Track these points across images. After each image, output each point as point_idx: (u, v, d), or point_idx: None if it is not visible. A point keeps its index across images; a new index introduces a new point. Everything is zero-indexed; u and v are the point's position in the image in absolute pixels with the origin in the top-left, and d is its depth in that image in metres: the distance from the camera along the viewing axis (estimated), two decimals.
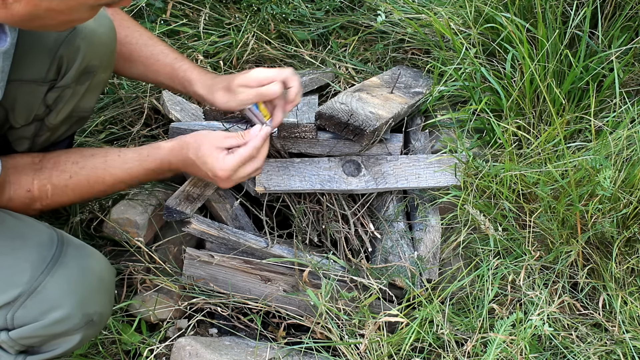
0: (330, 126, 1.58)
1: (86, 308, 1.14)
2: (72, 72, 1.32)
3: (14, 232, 1.16)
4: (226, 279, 1.52)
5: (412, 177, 1.64)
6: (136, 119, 1.95)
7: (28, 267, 1.11)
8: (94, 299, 1.16)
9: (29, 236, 1.16)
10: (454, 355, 1.35)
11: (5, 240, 1.14)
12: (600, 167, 1.40)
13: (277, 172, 1.61)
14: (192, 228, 1.47)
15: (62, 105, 1.36)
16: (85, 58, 1.32)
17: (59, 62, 1.30)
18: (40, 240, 1.15)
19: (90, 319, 1.15)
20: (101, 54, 1.36)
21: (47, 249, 1.14)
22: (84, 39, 1.31)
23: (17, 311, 1.10)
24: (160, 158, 1.37)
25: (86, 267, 1.16)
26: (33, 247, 1.14)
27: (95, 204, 1.65)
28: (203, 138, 1.37)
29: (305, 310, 1.52)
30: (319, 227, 1.61)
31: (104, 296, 1.20)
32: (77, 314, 1.13)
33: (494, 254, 1.50)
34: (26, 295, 1.10)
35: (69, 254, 1.15)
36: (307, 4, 2.28)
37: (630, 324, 1.40)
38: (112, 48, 1.39)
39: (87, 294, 1.15)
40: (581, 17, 1.74)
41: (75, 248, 1.18)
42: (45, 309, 1.11)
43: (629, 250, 1.48)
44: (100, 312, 1.18)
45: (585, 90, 1.74)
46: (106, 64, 1.39)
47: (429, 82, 1.92)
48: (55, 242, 1.15)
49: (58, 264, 1.12)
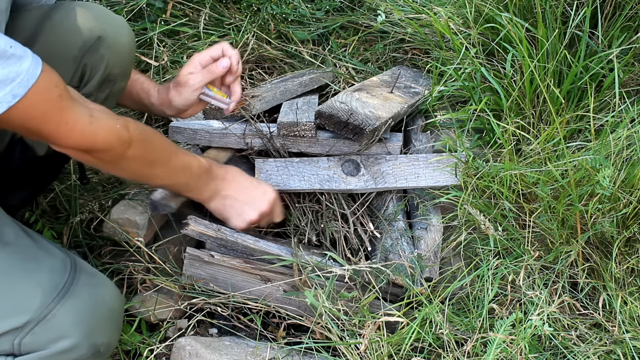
0: (330, 125, 1.58)
1: (94, 338, 1.12)
2: (95, 80, 1.34)
3: (27, 254, 1.14)
4: (226, 279, 1.52)
5: (412, 177, 1.64)
6: (136, 119, 1.95)
7: (39, 293, 1.08)
8: (103, 330, 1.14)
9: (42, 259, 1.13)
10: (454, 355, 1.35)
11: (17, 262, 1.12)
12: (600, 167, 1.40)
13: (276, 171, 1.61)
14: (189, 229, 1.47)
15: None
16: (108, 66, 1.34)
17: (82, 69, 1.32)
18: (54, 265, 1.13)
19: (98, 350, 1.13)
20: (122, 63, 1.38)
21: (60, 274, 1.11)
22: (108, 48, 1.33)
23: (24, 337, 1.08)
24: (218, 165, 1.47)
25: (97, 297, 1.14)
26: (46, 271, 1.11)
27: (95, 204, 1.65)
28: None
29: (305, 311, 1.52)
30: (318, 226, 1.61)
31: (112, 326, 1.18)
32: (85, 344, 1.11)
33: (494, 253, 1.50)
34: (35, 322, 1.07)
35: (81, 281, 1.13)
36: (307, 4, 2.28)
37: (630, 324, 1.40)
38: (132, 57, 1.41)
39: (96, 325, 1.12)
40: (581, 17, 1.74)
41: (87, 276, 1.16)
42: (53, 338, 1.08)
43: (629, 250, 1.48)
44: (108, 343, 1.16)
45: (585, 90, 1.74)
46: (125, 73, 1.42)
47: (428, 82, 1.92)
48: (68, 268, 1.13)
49: (70, 293, 1.10)
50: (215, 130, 1.66)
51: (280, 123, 1.63)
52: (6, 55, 0.96)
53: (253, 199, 1.48)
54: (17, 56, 0.97)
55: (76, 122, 1.09)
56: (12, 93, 0.97)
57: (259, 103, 1.73)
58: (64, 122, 1.07)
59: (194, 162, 1.39)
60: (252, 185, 1.49)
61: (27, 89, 0.98)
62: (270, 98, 1.77)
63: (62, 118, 1.07)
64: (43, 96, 1.02)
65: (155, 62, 2.02)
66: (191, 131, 1.67)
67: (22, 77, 0.98)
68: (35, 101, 1.01)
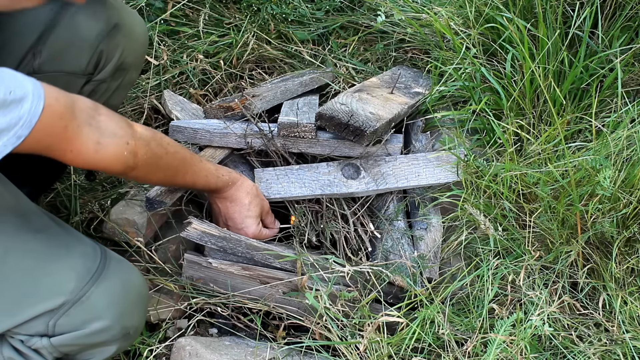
0: (331, 127, 1.58)
1: (125, 321, 1.15)
2: (110, 67, 1.35)
3: (60, 241, 1.16)
4: (225, 280, 1.52)
5: (412, 176, 1.64)
6: (136, 118, 1.95)
7: (74, 277, 1.11)
8: (133, 313, 1.18)
9: (74, 246, 1.16)
10: (454, 356, 1.35)
11: (50, 248, 1.14)
12: (600, 167, 1.40)
13: (276, 180, 1.61)
14: (192, 228, 1.46)
15: (95, 100, 1.38)
16: (122, 54, 1.36)
17: (98, 56, 1.33)
18: (85, 250, 1.16)
19: (127, 332, 1.17)
20: (136, 52, 1.39)
21: (92, 260, 1.14)
22: (124, 36, 1.35)
23: (59, 319, 1.10)
24: (229, 171, 1.48)
25: (128, 282, 1.17)
26: (78, 257, 1.14)
27: (94, 204, 1.65)
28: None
29: (305, 311, 1.52)
30: (318, 227, 1.61)
31: (141, 310, 1.21)
32: (117, 326, 1.14)
33: (494, 254, 1.50)
34: (70, 303, 1.10)
35: (111, 267, 1.16)
36: (307, 4, 2.28)
37: (630, 324, 1.40)
38: (145, 47, 1.43)
39: (127, 308, 1.16)
40: (582, 18, 1.74)
41: (117, 262, 1.19)
42: (87, 319, 1.11)
43: (629, 250, 1.48)
44: (137, 326, 1.20)
45: (585, 90, 1.74)
46: (138, 63, 1.43)
47: (429, 82, 1.92)
48: (99, 254, 1.16)
49: (102, 276, 1.13)
50: (215, 129, 1.66)
51: (280, 123, 1.63)
52: (6, 104, 0.94)
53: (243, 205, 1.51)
54: (18, 100, 0.96)
55: (81, 150, 1.09)
56: (15, 135, 0.97)
57: (259, 102, 1.73)
58: (69, 151, 1.08)
59: (199, 181, 1.40)
60: (249, 197, 1.51)
61: (30, 129, 0.98)
62: (270, 97, 1.77)
63: (68, 147, 1.07)
64: (47, 131, 1.02)
65: (155, 62, 2.02)
66: (191, 130, 1.67)
67: (25, 119, 0.97)
68: (40, 137, 1.01)
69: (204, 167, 1.40)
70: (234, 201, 1.49)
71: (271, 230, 1.58)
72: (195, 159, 1.38)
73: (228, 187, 1.47)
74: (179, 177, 1.34)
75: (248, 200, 1.49)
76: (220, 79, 2.07)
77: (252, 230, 1.51)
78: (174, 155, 1.29)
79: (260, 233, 1.53)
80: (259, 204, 1.52)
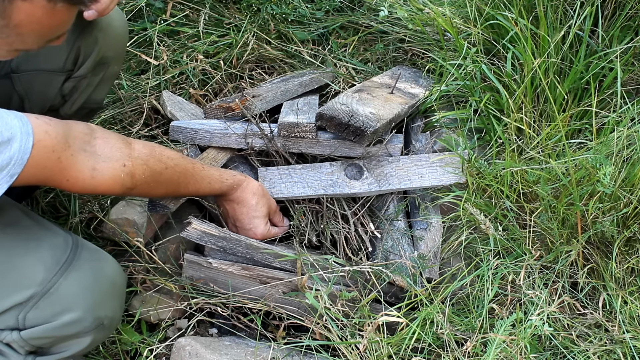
0: (331, 127, 1.58)
1: (97, 312, 1.14)
2: (89, 62, 1.35)
3: (29, 234, 1.16)
4: (225, 280, 1.52)
5: (415, 177, 1.63)
6: (136, 119, 1.95)
7: (41, 269, 1.10)
8: (106, 303, 1.16)
9: (44, 238, 1.15)
10: (454, 355, 1.35)
11: (20, 242, 1.14)
12: (601, 166, 1.40)
13: (280, 179, 1.61)
14: (192, 228, 1.46)
15: (77, 96, 1.38)
16: (101, 49, 1.35)
17: (76, 52, 1.33)
18: (55, 242, 1.15)
19: (101, 323, 1.15)
20: (115, 46, 1.39)
21: (62, 251, 1.13)
22: (101, 31, 1.34)
23: (29, 312, 1.10)
24: (234, 173, 1.48)
25: (99, 271, 1.16)
26: (47, 249, 1.13)
27: (94, 204, 1.65)
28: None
29: (305, 311, 1.52)
30: (318, 227, 1.61)
31: (115, 301, 1.20)
32: (89, 317, 1.12)
33: (494, 253, 1.50)
34: (39, 296, 1.09)
35: (82, 257, 1.15)
36: (307, 4, 2.28)
37: (630, 324, 1.40)
38: (125, 41, 1.43)
39: (99, 298, 1.14)
40: (582, 17, 1.74)
41: (89, 252, 1.18)
42: (57, 311, 1.10)
43: (629, 250, 1.48)
44: (111, 317, 1.18)
45: (585, 90, 1.74)
46: (119, 56, 1.43)
47: (429, 82, 1.92)
48: (70, 245, 1.15)
49: (72, 267, 1.12)
50: (216, 130, 1.66)
51: (281, 124, 1.63)
52: None
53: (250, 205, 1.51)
54: (6, 141, 0.96)
55: (77, 178, 1.11)
56: (9, 174, 0.98)
57: (259, 103, 1.73)
58: (65, 180, 1.09)
59: (202, 189, 1.41)
60: (256, 198, 1.51)
61: (22, 166, 0.99)
62: (271, 98, 1.77)
63: (64, 177, 1.09)
64: (41, 165, 1.03)
65: (155, 62, 2.02)
66: (192, 131, 1.67)
67: (15, 157, 0.98)
68: (34, 172, 1.02)
69: (206, 174, 1.40)
70: (241, 203, 1.49)
71: (280, 228, 1.58)
72: (197, 168, 1.38)
73: (233, 190, 1.47)
74: (181, 188, 1.35)
75: (255, 201, 1.49)
76: (220, 79, 2.07)
77: (260, 230, 1.51)
78: (174, 168, 1.29)
79: (268, 232, 1.53)
80: (265, 203, 1.52)
